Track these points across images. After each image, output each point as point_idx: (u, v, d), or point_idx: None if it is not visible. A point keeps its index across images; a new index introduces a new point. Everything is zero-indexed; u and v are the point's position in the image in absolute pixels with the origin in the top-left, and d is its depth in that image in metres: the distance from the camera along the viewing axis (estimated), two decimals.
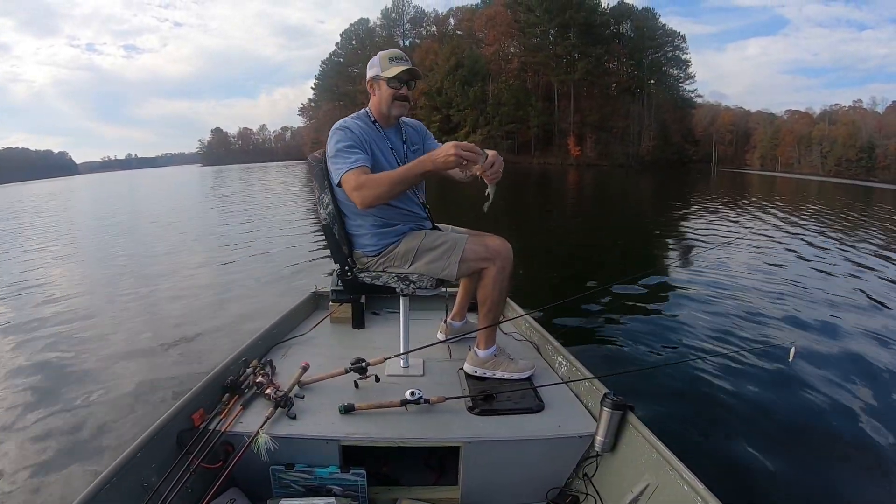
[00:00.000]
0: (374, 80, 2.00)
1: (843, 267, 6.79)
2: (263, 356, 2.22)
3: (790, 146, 67.80)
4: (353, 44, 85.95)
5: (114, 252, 8.87)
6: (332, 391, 1.91)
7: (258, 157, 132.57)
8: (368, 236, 2.04)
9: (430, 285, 2.02)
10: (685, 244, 7.78)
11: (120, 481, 1.39)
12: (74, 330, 4.50)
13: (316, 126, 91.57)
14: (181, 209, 17.40)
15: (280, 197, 20.65)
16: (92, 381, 3.40)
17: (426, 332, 2.45)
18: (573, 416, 1.80)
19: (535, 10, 67.12)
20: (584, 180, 33.04)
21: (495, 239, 1.97)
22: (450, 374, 2.13)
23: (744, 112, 79.46)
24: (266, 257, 7.62)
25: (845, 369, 3.40)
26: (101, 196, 28.88)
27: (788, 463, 2.41)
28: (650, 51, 71.20)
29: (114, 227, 13.17)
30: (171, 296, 5.58)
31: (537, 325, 2.55)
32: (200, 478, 1.52)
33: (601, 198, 21.09)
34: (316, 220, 10.42)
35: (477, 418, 1.78)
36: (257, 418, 1.69)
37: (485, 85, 67.29)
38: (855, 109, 68.38)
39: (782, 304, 4.90)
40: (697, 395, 3.01)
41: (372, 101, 2.04)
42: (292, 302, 2.95)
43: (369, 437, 1.68)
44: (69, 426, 2.83)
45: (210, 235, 10.24)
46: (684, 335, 3.99)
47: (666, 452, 1.47)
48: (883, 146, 57.94)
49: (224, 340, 3.93)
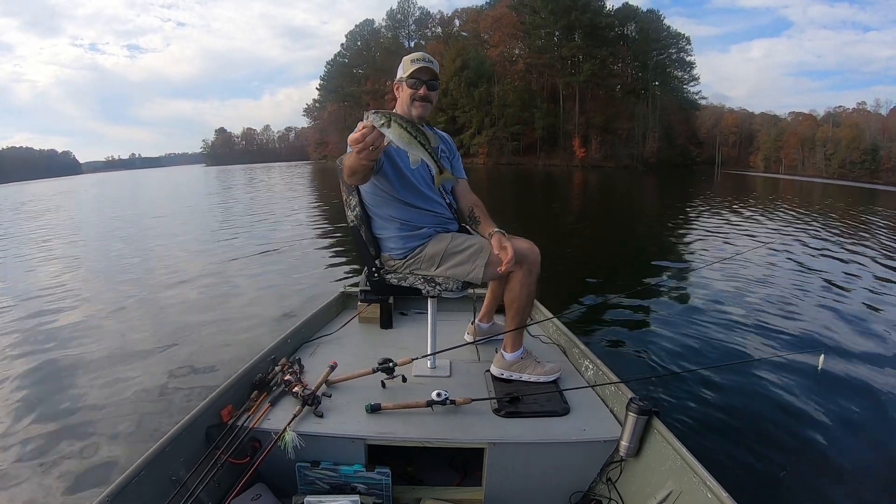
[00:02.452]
0: (398, 82, 2.05)
1: (865, 272, 6.70)
2: (292, 354, 2.27)
3: (794, 148, 67.87)
4: (359, 45, 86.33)
5: (138, 251, 8.92)
6: (360, 390, 1.93)
7: (262, 157, 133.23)
8: (394, 239, 2.06)
9: (457, 287, 2.03)
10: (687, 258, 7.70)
11: (149, 474, 1.42)
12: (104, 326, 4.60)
13: (320, 127, 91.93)
14: (205, 209, 17.45)
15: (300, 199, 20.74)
16: (122, 374, 3.46)
17: (453, 334, 2.47)
18: (598, 421, 1.80)
19: (540, 12, 67.21)
20: (592, 182, 32.81)
21: (523, 241, 1.94)
22: (476, 376, 2.14)
23: (747, 114, 79.66)
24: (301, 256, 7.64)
25: (877, 379, 3.31)
26: (127, 195, 28.88)
27: (815, 474, 2.37)
28: (655, 52, 71.15)
29: (134, 225, 13.36)
30: (204, 294, 5.62)
31: (564, 328, 2.54)
32: (228, 472, 1.56)
33: (613, 200, 20.89)
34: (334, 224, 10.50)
35: (502, 420, 1.79)
36: (285, 415, 1.72)
37: (490, 86, 67.32)
38: (859, 112, 68.43)
39: (810, 310, 4.83)
40: (723, 401, 2.95)
41: (397, 103, 2.08)
42: (321, 301, 2.99)
43: (395, 436, 1.70)
44: (101, 418, 2.87)
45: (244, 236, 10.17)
46: (710, 341, 3.95)
47: (690, 459, 1.46)
48: (887, 148, 57.97)
49: (250, 336, 4.02)
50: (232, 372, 1.96)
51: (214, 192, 24.93)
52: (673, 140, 68.13)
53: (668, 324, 4.31)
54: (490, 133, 65.00)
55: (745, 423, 2.76)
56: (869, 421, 2.84)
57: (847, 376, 3.32)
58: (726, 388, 3.10)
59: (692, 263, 7.00)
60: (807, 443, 2.59)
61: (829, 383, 3.17)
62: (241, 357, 2.88)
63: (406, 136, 1.59)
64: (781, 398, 3.01)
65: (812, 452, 2.52)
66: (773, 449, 2.52)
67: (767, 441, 2.59)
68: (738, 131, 75.65)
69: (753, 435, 2.64)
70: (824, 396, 3.01)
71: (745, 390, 3.10)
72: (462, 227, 2.18)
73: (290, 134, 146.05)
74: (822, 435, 2.65)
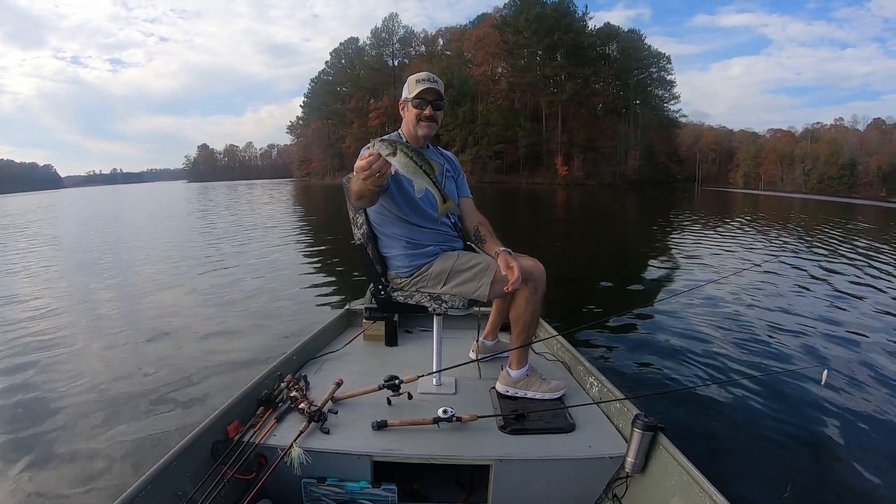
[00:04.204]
0: (404, 102, 2.07)
1: (860, 286, 6.81)
2: (297, 371, 2.26)
3: (773, 164, 69.15)
4: (343, 63, 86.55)
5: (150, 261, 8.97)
6: (365, 407, 1.94)
7: (244, 174, 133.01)
8: (401, 258, 2.08)
9: (463, 305, 2.05)
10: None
11: (155, 488, 1.41)
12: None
13: (304, 144, 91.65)
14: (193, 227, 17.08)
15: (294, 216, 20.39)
16: (121, 392, 3.42)
17: (458, 351, 2.48)
18: (604, 437, 1.81)
19: (523, 32, 68.19)
20: (576, 199, 33.13)
21: (528, 260, 1.98)
22: (482, 393, 2.15)
23: (727, 131, 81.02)
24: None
25: (882, 393, 3.34)
26: (121, 211, 28.54)
27: (821, 490, 2.37)
28: (636, 71, 72.52)
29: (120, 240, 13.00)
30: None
31: (568, 345, 2.57)
32: (233, 488, 1.55)
33: (602, 217, 21.16)
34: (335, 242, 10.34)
35: (508, 437, 1.80)
36: (291, 432, 1.73)
37: (474, 105, 68.06)
38: (837, 127, 70.04)
39: (812, 325, 4.84)
40: (728, 417, 2.97)
41: (403, 123, 2.11)
42: (326, 318, 2.99)
43: (401, 453, 1.71)
44: (103, 436, 2.83)
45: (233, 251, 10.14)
46: (714, 356, 3.95)
47: (696, 475, 1.46)
48: (865, 163, 59.40)
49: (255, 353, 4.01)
50: (236, 389, 1.95)
51: (204, 210, 24.66)
52: (654, 158, 69.11)
53: (672, 340, 4.32)
54: (473, 152, 65.28)
55: (751, 438, 2.76)
56: (873, 436, 2.83)
57: (851, 391, 3.33)
58: (731, 404, 3.11)
59: (696, 280, 6.95)
60: (812, 458, 2.60)
61: (833, 398, 3.18)
62: (239, 377, 2.93)
63: (412, 165, 1.62)
64: (786, 414, 3.01)
65: (818, 468, 2.53)
66: (779, 465, 2.52)
67: (773, 457, 2.59)
68: (718, 148, 76.83)
69: (759, 451, 2.64)
70: (828, 412, 3.02)
71: (750, 406, 3.10)
72: (467, 246, 2.19)
73: (273, 151, 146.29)
74: (828, 451, 2.66)
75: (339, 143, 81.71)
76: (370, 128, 77.99)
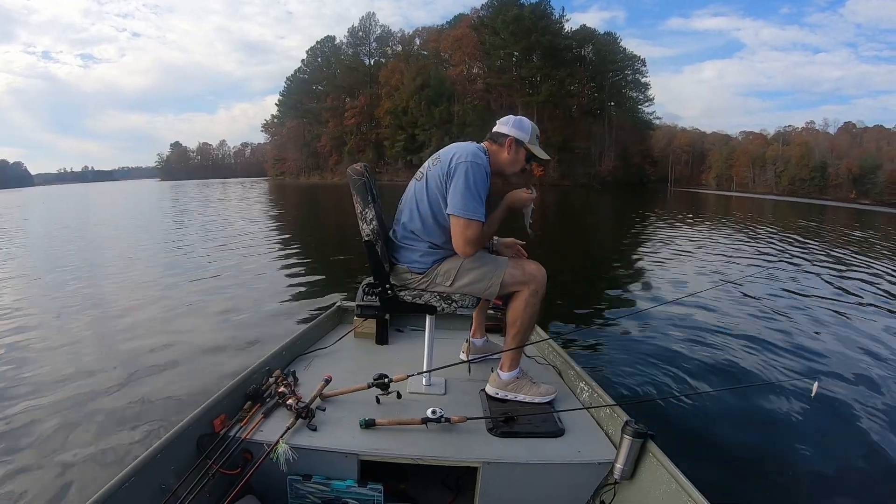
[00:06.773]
0: (517, 142, 2.04)
1: (854, 293, 6.81)
2: (286, 367, 2.24)
3: (745, 166, 70.65)
4: (319, 61, 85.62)
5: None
6: (354, 405, 1.91)
7: (217, 172, 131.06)
8: (419, 253, 2.05)
9: (472, 305, 2.08)
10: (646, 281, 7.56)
11: (139, 481, 1.39)
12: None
13: (279, 143, 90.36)
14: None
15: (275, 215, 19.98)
16: (115, 381, 3.41)
17: (449, 351, 2.45)
18: (593, 443, 1.81)
19: (500, 33, 68.32)
20: (551, 200, 33.15)
21: (532, 263, 2.04)
22: (471, 395, 2.14)
23: (699, 133, 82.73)
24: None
25: (870, 405, 3.34)
26: (95, 209, 27.50)
27: (808, 499, 2.39)
28: (611, 73, 73.22)
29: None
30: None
31: (560, 349, 2.57)
32: (218, 483, 1.52)
33: (582, 218, 21.22)
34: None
35: (497, 440, 1.79)
36: (278, 428, 1.70)
37: (450, 105, 68.01)
38: (808, 130, 72.01)
39: (804, 335, 4.82)
40: (718, 426, 2.95)
41: (500, 155, 2.07)
42: (316, 315, 2.95)
43: (389, 452, 1.69)
44: (94, 423, 2.83)
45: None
46: (705, 365, 3.94)
47: (685, 483, 1.46)
48: (835, 165, 61.13)
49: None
50: (224, 384, 1.91)
51: (181, 210, 23.92)
52: (629, 159, 69.99)
53: (664, 347, 4.31)
54: None
55: (740, 448, 2.76)
56: (863, 448, 2.84)
57: (841, 403, 3.34)
58: (722, 412, 3.10)
59: (687, 289, 6.90)
60: (801, 469, 2.61)
61: (823, 410, 3.20)
62: (226, 373, 2.86)
63: None
64: (776, 424, 3.02)
65: (806, 478, 2.54)
66: (768, 474, 2.54)
67: (762, 467, 2.61)
68: (691, 150, 78.31)
69: (748, 460, 2.65)
70: (818, 423, 3.04)
71: (740, 415, 3.10)
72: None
73: (247, 150, 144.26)
74: (817, 461, 2.67)
75: (315, 142, 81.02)
76: (346, 127, 77.34)
